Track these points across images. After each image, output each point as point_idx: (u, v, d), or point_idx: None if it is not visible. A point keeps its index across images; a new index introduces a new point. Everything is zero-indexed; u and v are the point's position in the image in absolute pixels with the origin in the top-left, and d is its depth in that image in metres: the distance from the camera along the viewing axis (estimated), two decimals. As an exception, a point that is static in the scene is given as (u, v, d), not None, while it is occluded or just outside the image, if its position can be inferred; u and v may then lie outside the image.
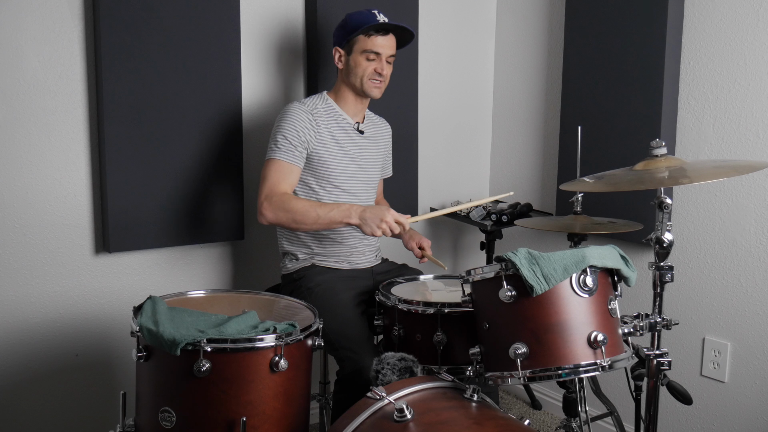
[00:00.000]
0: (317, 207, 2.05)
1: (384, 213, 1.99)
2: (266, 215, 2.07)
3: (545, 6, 2.97)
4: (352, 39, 2.18)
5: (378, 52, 2.18)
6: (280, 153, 2.13)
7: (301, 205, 2.05)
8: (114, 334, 2.43)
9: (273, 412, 1.61)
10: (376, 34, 2.17)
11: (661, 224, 1.60)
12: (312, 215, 2.03)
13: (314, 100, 2.25)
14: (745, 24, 2.27)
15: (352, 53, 2.19)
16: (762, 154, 2.25)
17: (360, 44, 2.17)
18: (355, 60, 2.19)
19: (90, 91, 2.31)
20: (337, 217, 2.03)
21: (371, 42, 2.17)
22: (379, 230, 1.99)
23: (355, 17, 2.18)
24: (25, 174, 2.25)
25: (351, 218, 2.02)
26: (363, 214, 2.01)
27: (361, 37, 2.17)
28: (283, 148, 2.13)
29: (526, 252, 1.53)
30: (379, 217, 1.99)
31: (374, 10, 2.19)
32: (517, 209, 2.74)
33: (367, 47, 2.17)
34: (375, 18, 2.16)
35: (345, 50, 2.22)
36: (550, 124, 2.96)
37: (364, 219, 2.00)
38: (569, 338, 1.51)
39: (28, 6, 2.19)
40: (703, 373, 2.46)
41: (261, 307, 1.86)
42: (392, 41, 2.21)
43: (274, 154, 2.14)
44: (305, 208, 2.04)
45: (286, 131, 2.14)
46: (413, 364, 1.65)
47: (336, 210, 2.03)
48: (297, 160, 2.15)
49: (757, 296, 2.29)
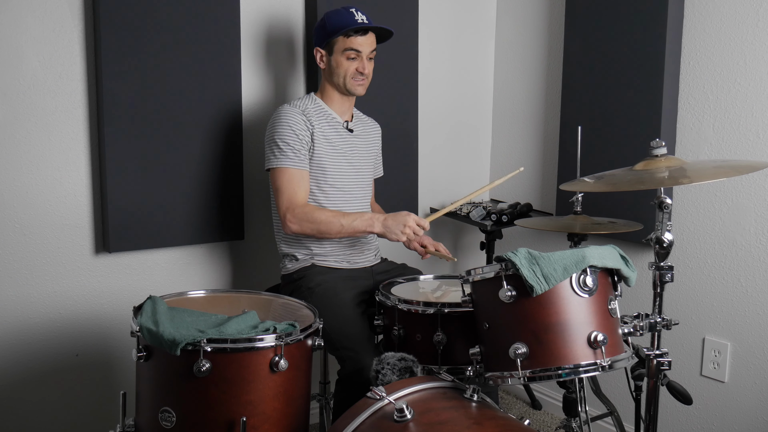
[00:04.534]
0: (340, 217, 2.10)
1: (406, 218, 2.06)
2: (291, 228, 2.13)
3: (545, 6, 2.96)
4: (332, 40, 2.20)
5: (358, 50, 2.20)
6: (287, 160, 2.14)
7: (324, 216, 2.10)
8: (114, 334, 2.43)
9: (273, 412, 1.61)
10: (355, 33, 2.18)
11: (661, 224, 1.60)
12: (336, 225, 2.09)
13: (304, 101, 2.26)
14: (745, 24, 2.27)
15: (333, 53, 2.22)
16: (762, 154, 2.25)
17: (340, 44, 2.19)
18: (336, 60, 2.21)
19: (90, 91, 2.31)
20: (360, 226, 2.09)
21: (350, 42, 2.19)
22: (404, 236, 2.06)
23: (333, 17, 2.20)
24: (25, 174, 2.25)
25: (374, 227, 2.08)
26: (386, 222, 2.07)
27: (341, 37, 2.19)
28: (289, 154, 2.14)
29: (526, 252, 1.53)
30: (402, 223, 2.05)
31: (352, 8, 2.20)
32: (517, 209, 2.74)
33: (346, 46, 2.19)
34: (353, 18, 2.17)
35: (326, 50, 2.24)
36: (550, 124, 2.96)
37: (388, 227, 2.07)
38: (569, 338, 1.51)
39: (28, 6, 2.19)
40: (703, 373, 2.46)
41: (261, 307, 1.87)
42: (371, 38, 2.23)
43: (281, 162, 2.15)
44: (329, 218, 2.10)
45: (285, 136, 2.15)
46: (413, 364, 1.65)
47: (359, 220, 2.09)
48: (304, 164, 2.17)
49: (757, 296, 2.29)
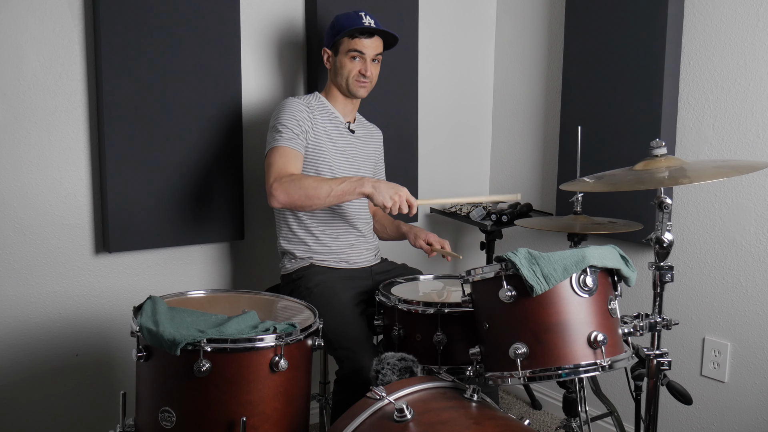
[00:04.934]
0: (329, 180, 2.05)
1: (399, 188, 2.02)
2: (278, 196, 2.04)
3: (545, 6, 2.96)
4: (338, 40, 2.23)
5: (362, 52, 2.22)
6: (283, 140, 2.14)
7: (311, 180, 2.05)
8: (114, 334, 2.43)
9: (273, 412, 1.61)
10: (361, 36, 2.21)
11: (661, 224, 1.60)
12: (325, 188, 2.02)
13: (308, 98, 2.29)
14: (745, 24, 2.27)
15: (339, 54, 2.24)
16: (762, 154, 2.25)
17: (345, 45, 2.22)
18: (341, 61, 2.24)
19: (90, 91, 2.31)
20: (349, 187, 2.02)
21: (355, 43, 2.21)
22: (391, 201, 1.99)
23: (342, 19, 2.23)
24: (25, 174, 2.25)
25: (364, 187, 2.01)
26: (377, 183, 2.02)
27: (346, 38, 2.22)
28: (286, 136, 2.14)
29: (526, 252, 1.53)
30: (394, 190, 2.01)
31: (361, 12, 2.23)
32: (517, 209, 2.74)
33: (351, 48, 2.21)
34: (360, 21, 2.20)
35: (332, 51, 2.27)
36: (550, 124, 2.96)
37: (378, 188, 2.01)
38: (569, 338, 1.51)
39: (28, 6, 2.19)
40: (703, 373, 2.46)
41: (261, 307, 1.87)
42: (378, 42, 2.25)
43: (277, 142, 2.14)
44: (317, 182, 2.04)
45: (286, 121, 2.16)
46: (413, 364, 1.65)
47: (348, 181, 2.03)
48: (300, 147, 2.16)
49: (757, 296, 2.29)
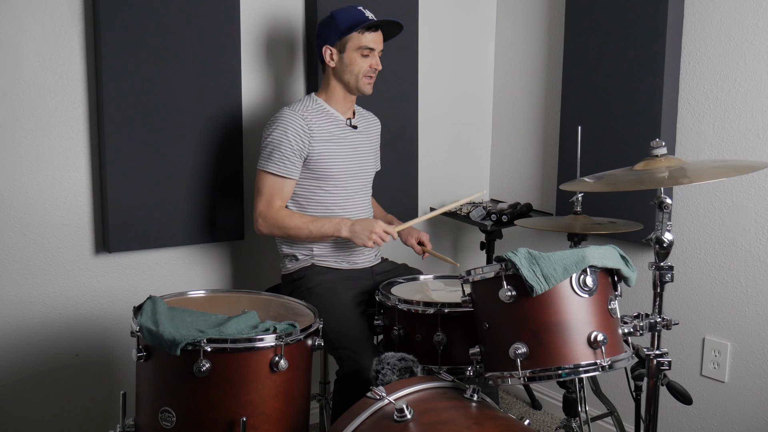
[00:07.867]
0: (309, 223, 2.17)
1: (373, 225, 2.13)
2: (261, 230, 2.21)
3: (545, 6, 2.96)
4: (345, 37, 2.21)
5: (372, 47, 2.22)
6: (272, 165, 2.17)
7: (294, 222, 2.17)
8: (114, 334, 2.43)
9: (273, 412, 1.61)
10: (368, 30, 2.21)
11: (661, 224, 1.60)
12: (304, 232, 2.17)
13: (305, 103, 2.26)
14: (745, 24, 2.27)
15: (346, 51, 2.22)
16: (762, 154, 2.25)
17: (354, 42, 2.21)
18: (350, 58, 2.22)
19: (90, 91, 2.31)
20: (328, 231, 2.16)
21: (365, 39, 2.21)
22: (370, 241, 2.12)
23: (343, 15, 2.22)
24: (25, 174, 2.25)
25: (341, 232, 2.15)
26: (353, 227, 2.14)
27: (354, 34, 2.20)
28: (275, 159, 2.17)
29: (526, 252, 1.53)
30: (369, 229, 2.12)
31: (359, 6, 2.23)
32: (517, 209, 2.74)
33: (361, 44, 2.21)
34: (363, 15, 2.21)
35: (337, 48, 2.24)
36: (550, 124, 2.96)
37: (354, 232, 2.13)
38: (569, 338, 1.51)
39: (28, 6, 2.19)
40: (703, 373, 2.46)
41: (261, 307, 1.87)
42: (380, 36, 2.27)
43: (266, 166, 2.18)
44: (297, 225, 2.17)
45: (278, 141, 2.16)
46: (413, 364, 1.65)
47: (327, 225, 2.16)
48: (290, 171, 2.19)
49: (757, 296, 2.29)
